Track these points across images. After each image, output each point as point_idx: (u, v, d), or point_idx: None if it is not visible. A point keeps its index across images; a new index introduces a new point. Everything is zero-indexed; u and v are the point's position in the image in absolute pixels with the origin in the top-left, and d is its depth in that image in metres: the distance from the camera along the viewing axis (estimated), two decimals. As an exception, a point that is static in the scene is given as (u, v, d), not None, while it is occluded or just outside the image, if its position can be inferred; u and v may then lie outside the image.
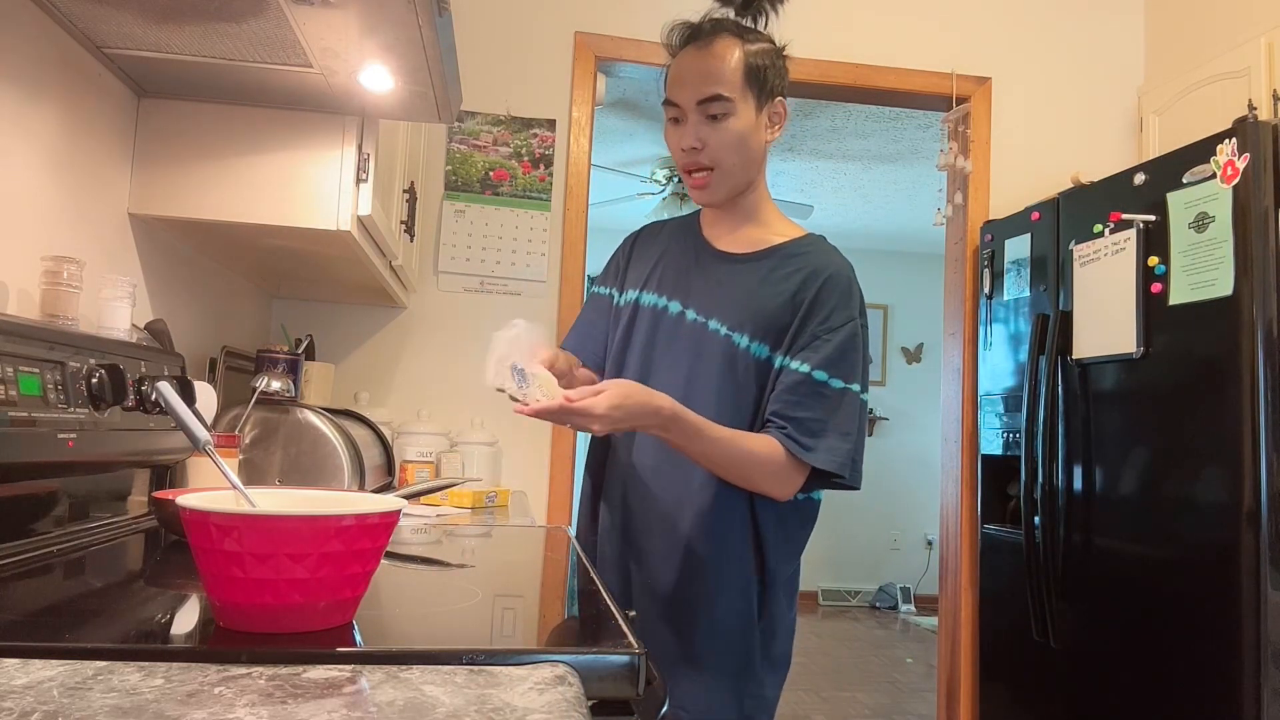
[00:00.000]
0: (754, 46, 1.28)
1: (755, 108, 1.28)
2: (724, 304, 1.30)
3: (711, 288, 1.32)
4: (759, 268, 1.31)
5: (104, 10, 1.21)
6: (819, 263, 1.30)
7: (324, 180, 1.58)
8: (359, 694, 0.50)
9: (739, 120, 1.26)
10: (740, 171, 1.30)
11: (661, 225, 1.47)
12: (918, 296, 6.40)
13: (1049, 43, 3.03)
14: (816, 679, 4.26)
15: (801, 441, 1.21)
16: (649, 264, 1.40)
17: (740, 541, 1.28)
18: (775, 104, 1.31)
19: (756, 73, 1.27)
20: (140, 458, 1.27)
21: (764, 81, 1.28)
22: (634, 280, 1.40)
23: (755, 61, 1.27)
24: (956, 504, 2.88)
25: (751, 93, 1.27)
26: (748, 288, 1.30)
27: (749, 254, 1.33)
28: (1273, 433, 1.84)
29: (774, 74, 1.29)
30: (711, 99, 1.24)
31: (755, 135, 1.28)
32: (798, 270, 1.29)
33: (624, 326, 1.37)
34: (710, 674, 1.25)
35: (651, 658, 0.63)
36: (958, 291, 2.97)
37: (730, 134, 1.26)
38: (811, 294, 1.26)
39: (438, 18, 1.16)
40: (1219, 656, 1.87)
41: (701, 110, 1.25)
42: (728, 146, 1.26)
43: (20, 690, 0.48)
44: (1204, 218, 1.99)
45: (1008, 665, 2.58)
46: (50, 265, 1.21)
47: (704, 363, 1.28)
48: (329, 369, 2.27)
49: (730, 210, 1.35)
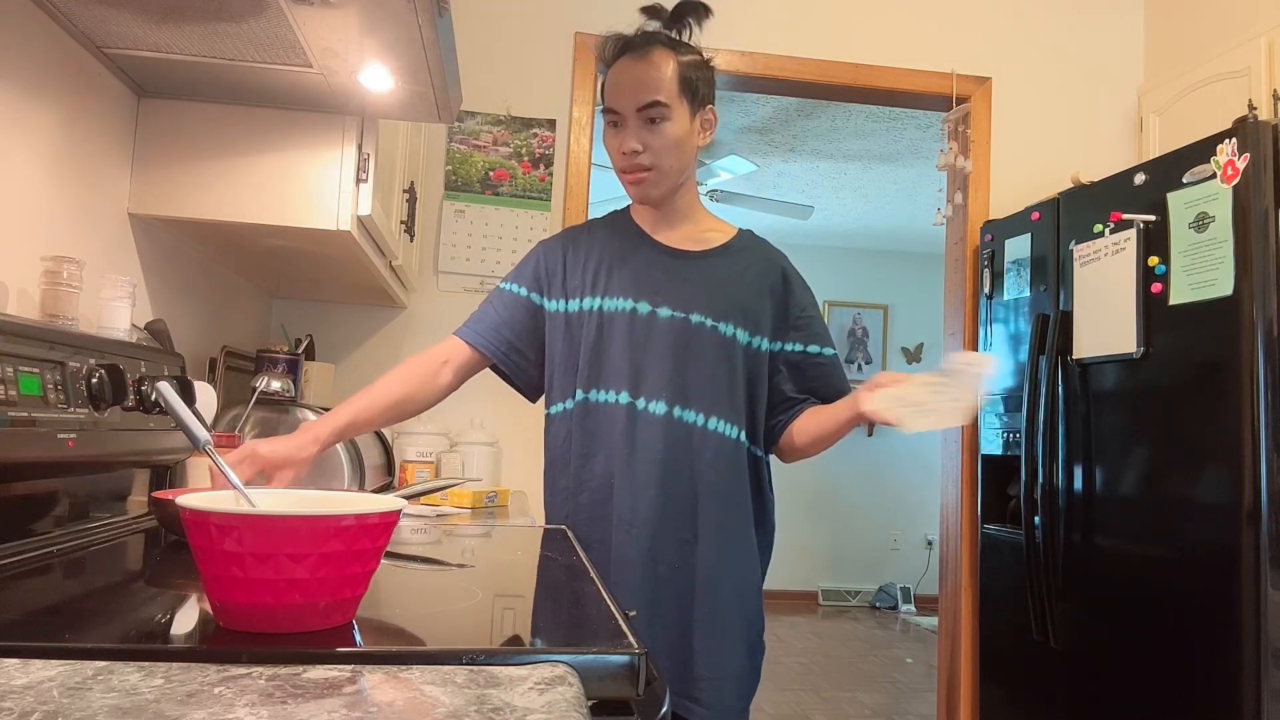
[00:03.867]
0: (686, 58, 1.38)
1: (689, 114, 1.37)
2: (700, 298, 1.38)
3: (680, 284, 1.39)
4: (721, 263, 1.43)
5: (104, 10, 1.21)
6: (770, 254, 1.48)
7: (324, 180, 1.58)
8: (359, 694, 0.50)
9: (675, 125, 1.35)
10: (676, 172, 1.39)
11: (587, 229, 1.50)
12: (918, 296, 6.40)
13: (1049, 43, 3.03)
14: (816, 679, 4.26)
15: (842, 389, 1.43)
16: (593, 269, 1.42)
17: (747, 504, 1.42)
18: (706, 111, 1.41)
19: (689, 83, 1.36)
20: (140, 458, 1.27)
21: (696, 90, 1.37)
22: (581, 287, 1.42)
23: (688, 73, 1.36)
24: (956, 504, 2.88)
25: (685, 100, 1.36)
26: (718, 281, 1.41)
27: (705, 250, 1.44)
28: (1273, 433, 1.84)
29: (704, 84, 1.39)
30: (650, 105, 1.33)
31: (690, 139, 1.38)
32: (754, 263, 1.45)
33: (590, 335, 1.39)
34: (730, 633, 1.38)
35: (652, 658, 0.64)
36: (958, 291, 2.97)
37: (668, 137, 1.35)
38: (780, 283, 1.44)
39: (438, 18, 1.16)
40: (1219, 656, 1.87)
41: (641, 116, 1.34)
42: (666, 149, 1.35)
43: (20, 690, 0.48)
44: (1204, 218, 1.99)
45: (1008, 665, 2.58)
46: (50, 265, 1.21)
47: (693, 355, 1.36)
48: (329, 369, 2.27)
49: (667, 210, 1.44)
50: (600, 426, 1.37)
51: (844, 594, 6.22)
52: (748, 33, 2.85)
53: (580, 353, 1.39)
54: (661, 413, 1.35)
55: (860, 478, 6.31)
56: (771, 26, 2.87)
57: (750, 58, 2.83)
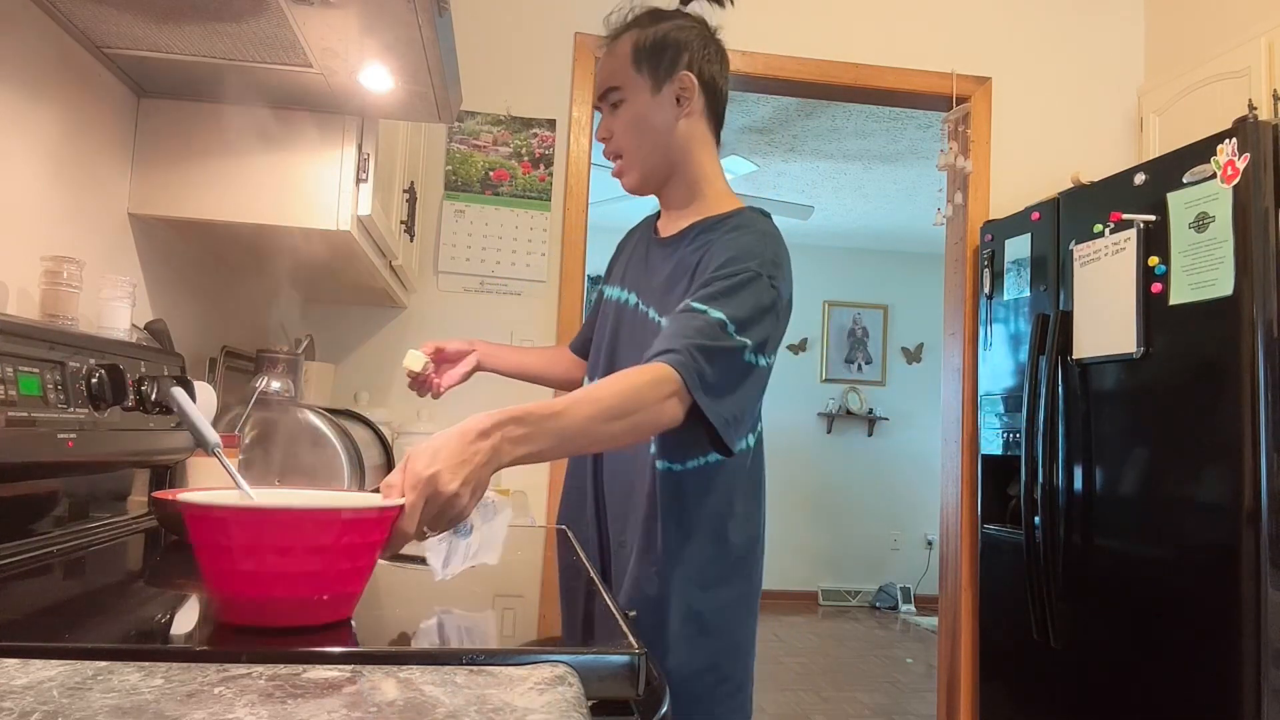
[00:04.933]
0: (651, 29, 1.27)
1: (650, 87, 1.26)
2: (653, 289, 1.30)
3: (649, 275, 1.32)
4: (677, 249, 1.29)
5: (104, 10, 1.21)
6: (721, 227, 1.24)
7: (324, 180, 1.58)
8: (359, 694, 0.50)
9: (631, 105, 1.26)
10: (648, 153, 1.28)
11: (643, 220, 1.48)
12: (918, 296, 6.40)
13: (1049, 43, 3.03)
14: (816, 679, 4.26)
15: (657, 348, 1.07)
16: (623, 259, 1.44)
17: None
18: (679, 78, 1.26)
19: (646, 52, 1.25)
20: (140, 458, 1.27)
21: (658, 59, 1.25)
22: (611, 276, 1.44)
23: (646, 42, 1.26)
24: (956, 504, 2.88)
25: (644, 74, 1.26)
26: (667, 270, 1.28)
27: (671, 236, 1.32)
28: (1273, 433, 1.84)
29: (673, 50, 1.26)
30: (606, 93, 1.28)
31: (655, 114, 1.26)
32: (707, 243, 1.23)
33: (598, 322, 1.41)
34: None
35: (651, 658, 0.64)
36: (958, 291, 2.97)
37: (623, 121, 1.27)
38: (704, 252, 1.21)
39: (438, 18, 1.16)
40: (1219, 656, 1.87)
41: (605, 105, 1.29)
42: (625, 130, 1.27)
43: (20, 690, 0.48)
44: (1204, 218, 1.99)
45: (1008, 665, 2.58)
46: (50, 265, 1.21)
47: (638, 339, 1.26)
48: (329, 369, 2.27)
49: (670, 198, 1.34)
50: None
51: (844, 594, 6.21)
52: (748, 33, 2.85)
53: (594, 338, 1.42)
54: None
55: (860, 478, 6.31)
56: (771, 26, 2.87)
57: (750, 58, 2.83)
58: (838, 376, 6.37)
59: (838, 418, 6.30)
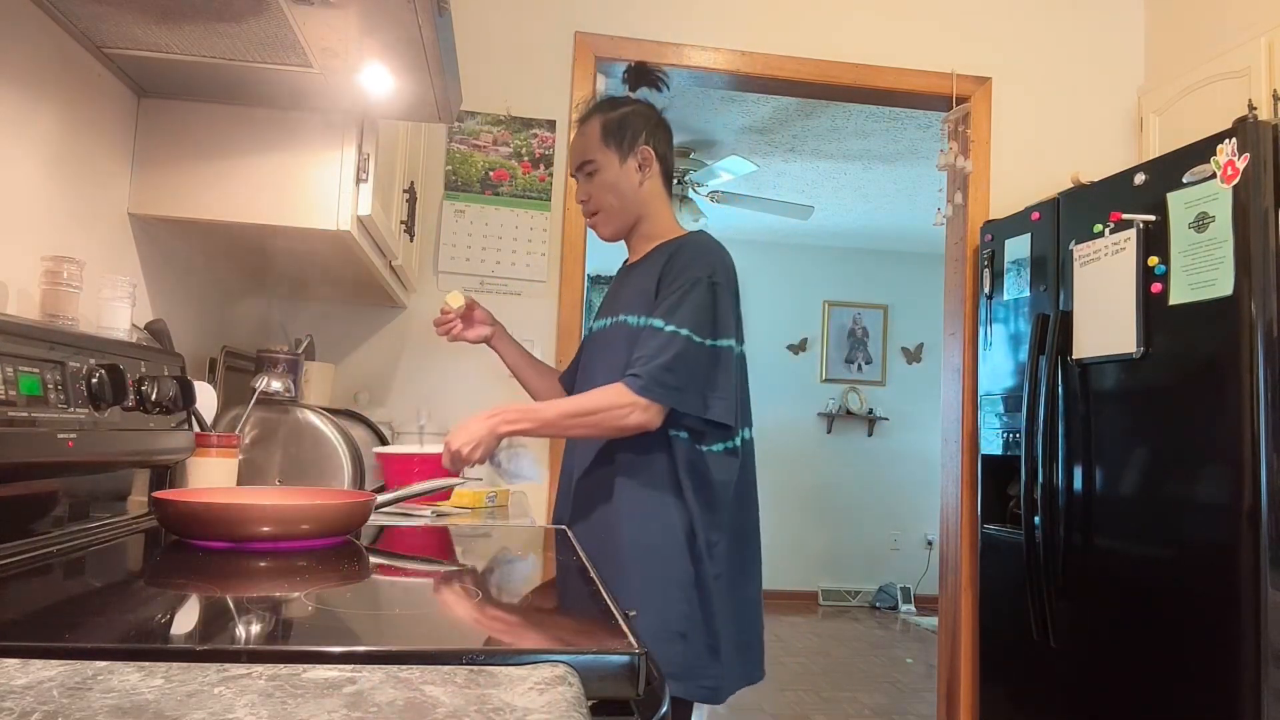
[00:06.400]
0: (613, 113, 1.59)
1: (619, 158, 1.58)
2: (622, 301, 1.60)
3: (621, 297, 1.62)
4: (642, 267, 1.60)
5: (104, 10, 1.21)
6: (674, 247, 1.55)
7: (324, 180, 1.58)
8: (359, 694, 0.50)
9: (604, 173, 1.58)
10: (620, 210, 1.60)
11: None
12: (918, 296, 6.40)
13: (1049, 43, 3.03)
14: (816, 679, 4.26)
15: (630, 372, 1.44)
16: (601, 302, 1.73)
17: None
18: (638, 152, 1.59)
19: (612, 130, 1.58)
20: (140, 458, 1.27)
21: (622, 136, 1.57)
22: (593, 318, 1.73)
23: (611, 124, 1.58)
24: (956, 504, 2.88)
25: (611, 147, 1.57)
26: (636, 285, 1.58)
27: (636, 261, 1.64)
28: (1273, 433, 1.84)
29: (632, 129, 1.58)
30: (581, 165, 1.60)
31: (625, 179, 1.59)
32: (660, 258, 1.56)
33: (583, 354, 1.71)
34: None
35: (651, 658, 0.64)
36: (958, 291, 2.97)
37: (598, 184, 1.59)
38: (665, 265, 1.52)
39: (438, 17, 1.16)
40: (1219, 656, 1.87)
41: (582, 174, 1.61)
42: (601, 193, 1.59)
43: (20, 690, 0.48)
44: (1204, 218, 1.99)
45: (1008, 665, 2.58)
46: (50, 265, 1.21)
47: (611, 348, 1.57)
48: (329, 369, 2.27)
49: (632, 240, 1.66)
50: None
51: (844, 594, 6.21)
52: (748, 33, 2.85)
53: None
54: None
55: (860, 478, 6.31)
56: (771, 26, 2.87)
57: (750, 58, 2.83)
58: (838, 376, 6.37)
59: (838, 418, 6.30)
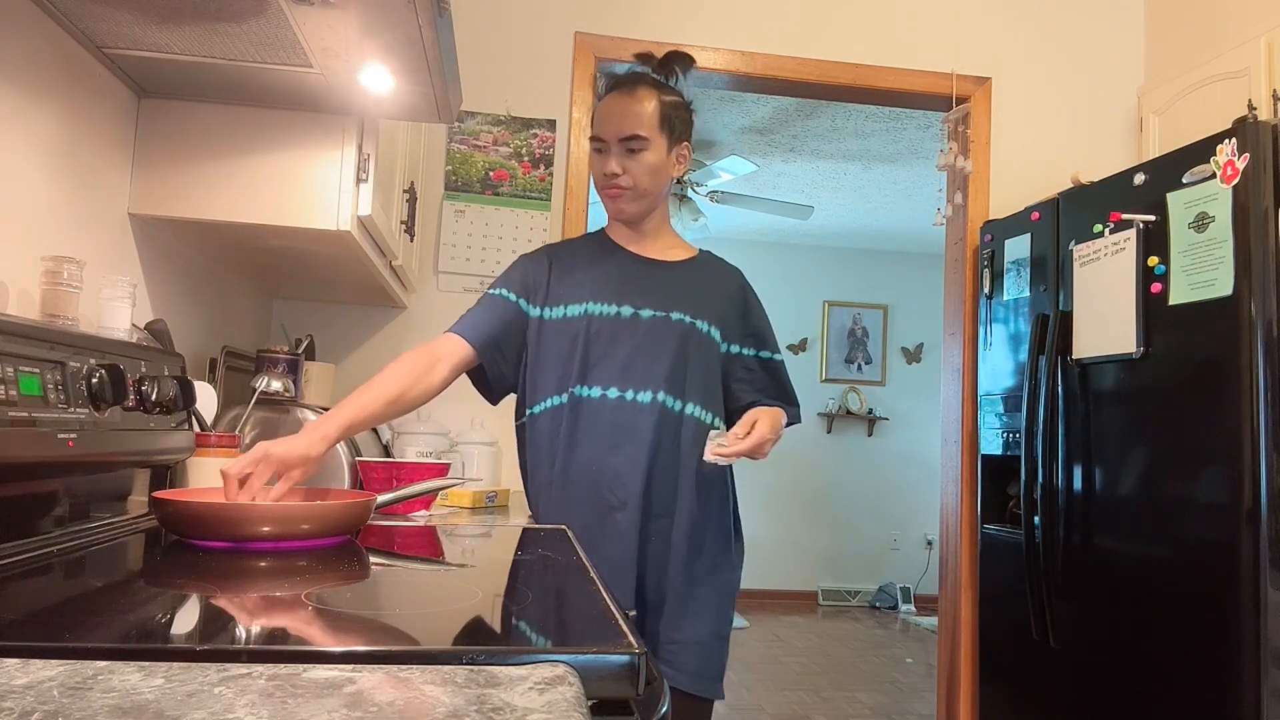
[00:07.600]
0: (669, 98, 1.56)
1: (666, 148, 1.56)
2: (677, 298, 1.57)
3: (657, 288, 1.57)
4: (694, 273, 1.63)
5: (104, 10, 1.21)
6: (731, 270, 1.69)
7: (324, 180, 1.58)
8: (359, 694, 0.50)
9: (652, 155, 1.54)
10: (651, 195, 1.57)
11: (567, 245, 1.69)
12: (918, 296, 6.40)
13: (1049, 43, 3.03)
14: (816, 679, 4.26)
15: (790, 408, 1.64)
16: (578, 278, 1.58)
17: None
18: (682, 147, 1.59)
19: (668, 120, 1.55)
20: (140, 458, 1.27)
21: (674, 128, 1.56)
22: (566, 295, 1.57)
23: (668, 111, 1.55)
24: (956, 504, 2.88)
25: (664, 135, 1.54)
26: (691, 286, 1.60)
27: (679, 261, 1.63)
28: (1273, 433, 1.84)
29: (681, 123, 1.58)
30: (631, 137, 1.52)
31: (665, 169, 1.57)
32: (719, 275, 1.66)
33: (580, 337, 1.53)
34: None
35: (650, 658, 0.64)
36: (958, 291, 2.97)
37: (645, 164, 1.54)
38: (740, 295, 1.65)
39: (438, 18, 1.16)
40: (1219, 656, 1.87)
41: (623, 145, 1.52)
42: (643, 174, 1.54)
43: (20, 690, 0.48)
44: (1204, 218, 1.99)
45: (1008, 665, 2.58)
46: (50, 265, 1.21)
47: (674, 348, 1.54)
48: (329, 369, 2.27)
49: (639, 228, 1.62)
50: (589, 419, 1.51)
51: (844, 594, 6.21)
52: (748, 33, 2.85)
53: (571, 353, 1.53)
54: (648, 401, 1.51)
55: (860, 478, 6.31)
56: (771, 26, 2.87)
57: (750, 58, 2.83)
58: (837, 376, 6.37)
59: (837, 418, 6.30)
